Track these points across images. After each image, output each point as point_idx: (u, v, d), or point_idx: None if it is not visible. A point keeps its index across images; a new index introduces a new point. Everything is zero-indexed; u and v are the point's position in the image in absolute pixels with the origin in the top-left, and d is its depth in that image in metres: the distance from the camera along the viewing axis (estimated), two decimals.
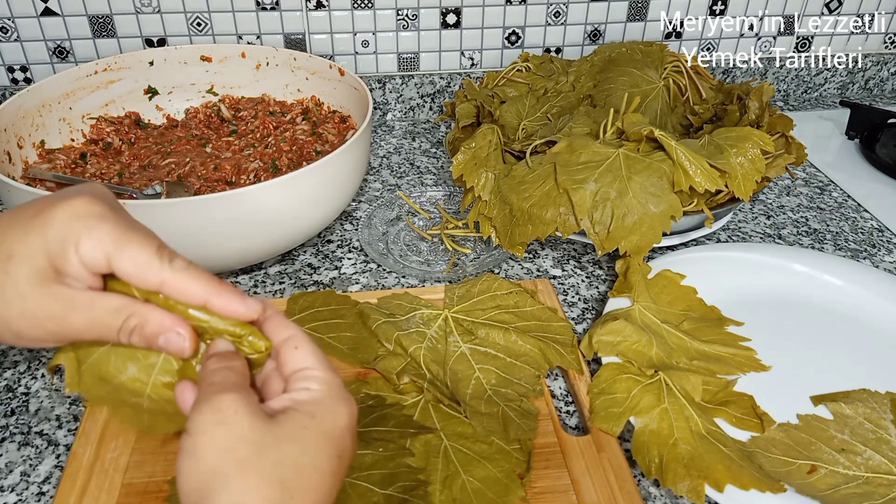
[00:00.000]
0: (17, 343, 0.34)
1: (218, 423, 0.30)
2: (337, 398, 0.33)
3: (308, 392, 0.33)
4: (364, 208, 0.81)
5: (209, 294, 0.34)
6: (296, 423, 0.31)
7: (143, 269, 0.33)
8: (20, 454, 0.51)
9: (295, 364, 0.34)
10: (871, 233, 0.80)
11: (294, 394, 0.33)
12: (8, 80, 0.94)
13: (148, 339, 0.33)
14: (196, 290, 0.33)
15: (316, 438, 0.31)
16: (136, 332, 0.33)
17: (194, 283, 0.33)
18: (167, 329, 0.33)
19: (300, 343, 0.34)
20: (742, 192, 0.64)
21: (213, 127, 0.84)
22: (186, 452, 0.30)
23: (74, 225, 0.32)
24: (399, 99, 1.01)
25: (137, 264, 0.33)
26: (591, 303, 0.68)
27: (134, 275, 0.33)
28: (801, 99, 1.12)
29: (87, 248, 0.32)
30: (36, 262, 0.32)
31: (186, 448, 0.30)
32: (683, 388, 0.53)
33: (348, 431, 0.33)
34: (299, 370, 0.34)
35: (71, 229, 0.32)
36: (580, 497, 0.47)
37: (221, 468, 0.29)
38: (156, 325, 0.33)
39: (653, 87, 0.80)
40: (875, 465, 0.49)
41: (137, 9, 0.90)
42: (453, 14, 0.96)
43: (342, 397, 0.33)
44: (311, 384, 0.33)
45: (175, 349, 0.34)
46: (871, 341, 0.62)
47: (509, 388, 0.55)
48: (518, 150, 0.72)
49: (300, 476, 0.30)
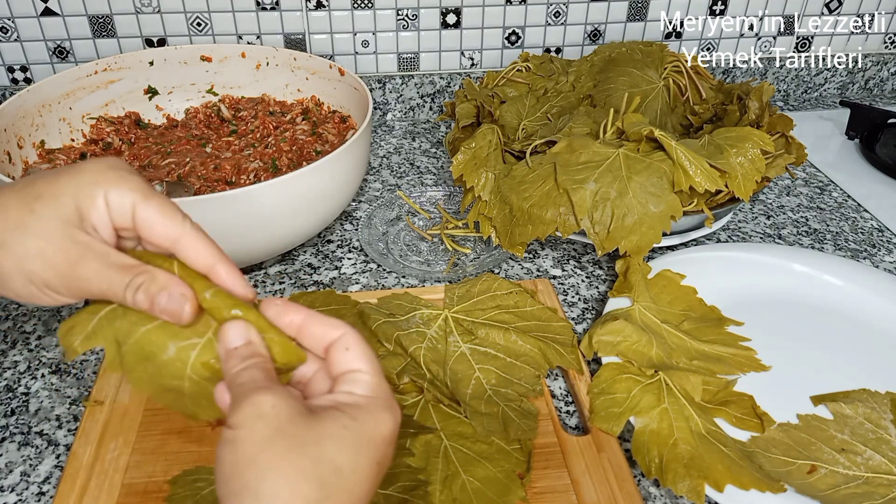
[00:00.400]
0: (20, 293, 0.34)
1: (258, 416, 0.30)
2: (382, 405, 0.32)
3: (353, 396, 0.32)
4: (364, 208, 0.81)
5: (216, 260, 0.35)
6: (337, 423, 0.31)
7: (165, 219, 0.35)
8: (20, 454, 0.51)
9: (345, 366, 0.34)
10: (871, 233, 0.80)
11: (339, 395, 0.32)
12: (8, 80, 0.94)
13: (152, 297, 0.34)
14: (206, 252, 0.35)
15: (356, 441, 0.31)
16: (142, 288, 0.34)
17: (206, 245, 0.35)
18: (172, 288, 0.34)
19: (351, 344, 0.34)
20: (742, 192, 0.64)
21: (213, 127, 0.84)
22: (227, 442, 0.30)
23: (108, 173, 0.35)
24: (399, 99, 1.01)
25: (161, 213, 0.35)
26: (591, 303, 0.68)
27: (157, 223, 0.35)
28: (801, 99, 1.12)
29: (116, 196, 0.34)
30: (62, 204, 0.34)
31: (227, 438, 0.30)
32: (683, 388, 0.53)
33: (390, 440, 0.32)
34: (348, 372, 0.33)
35: (104, 175, 0.34)
36: (580, 497, 0.47)
37: (261, 460, 0.29)
38: (162, 283, 0.34)
39: (653, 87, 0.80)
40: (875, 465, 0.49)
41: (137, 9, 0.90)
42: (453, 14, 0.96)
43: (388, 405, 0.33)
44: (358, 388, 0.33)
45: (175, 308, 0.34)
46: (871, 341, 0.62)
47: (509, 388, 0.55)
48: (518, 150, 0.72)
49: (338, 476, 0.29)
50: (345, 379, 0.33)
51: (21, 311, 0.64)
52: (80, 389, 0.56)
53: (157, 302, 0.34)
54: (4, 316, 0.64)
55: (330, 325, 0.34)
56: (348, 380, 0.33)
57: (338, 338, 0.34)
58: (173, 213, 0.35)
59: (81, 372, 0.58)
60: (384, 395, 0.33)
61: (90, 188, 0.34)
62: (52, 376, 0.57)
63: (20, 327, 0.62)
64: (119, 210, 0.34)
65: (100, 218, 0.34)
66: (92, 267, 0.34)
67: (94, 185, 0.34)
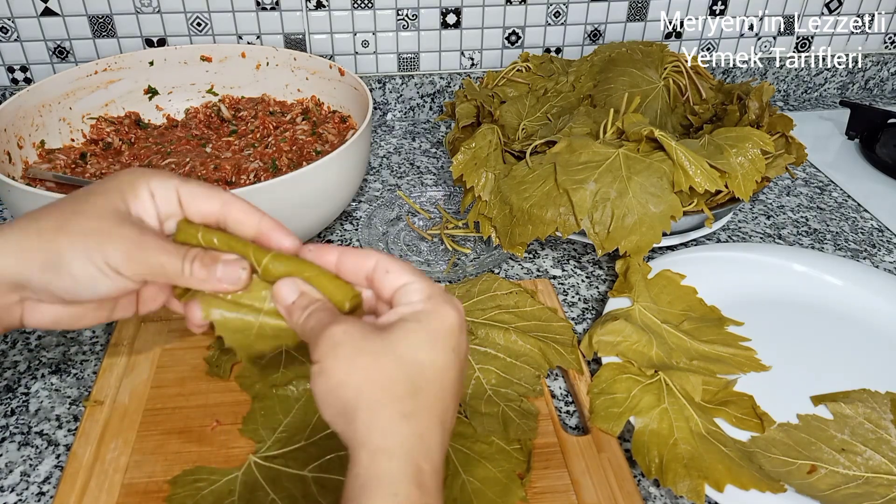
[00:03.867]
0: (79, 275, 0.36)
1: (334, 345, 0.32)
2: (440, 301, 0.35)
3: (412, 305, 0.35)
4: (364, 208, 0.81)
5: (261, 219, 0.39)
6: (407, 330, 0.33)
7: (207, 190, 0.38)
8: (20, 454, 0.51)
9: (392, 285, 0.36)
10: (871, 233, 0.80)
11: (400, 309, 0.35)
12: (8, 80, 0.94)
13: (208, 267, 0.36)
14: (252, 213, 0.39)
15: (427, 336, 0.33)
16: (197, 259, 0.37)
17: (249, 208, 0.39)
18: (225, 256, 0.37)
19: (389, 266, 0.36)
20: (742, 192, 0.64)
21: (213, 127, 0.84)
22: (316, 375, 0.33)
23: (145, 171, 0.38)
24: (399, 99, 1.01)
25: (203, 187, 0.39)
26: (591, 303, 0.68)
27: (200, 195, 0.38)
28: (801, 99, 1.12)
29: (158, 184, 0.38)
30: (111, 197, 0.37)
31: (315, 372, 0.33)
32: (683, 388, 0.53)
33: (458, 328, 0.35)
34: (398, 287, 0.36)
35: (142, 172, 0.38)
36: (580, 497, 0.47)
37: (350, 378, 0.32)
38: (214, 254, 0.37)
39: (653, 87, 0.80)
40: (875, 465, 0.49)
41: (137, 9, 0.90)
42: (453, 14, 0.96)
43: (445, 300, 0.35)
44: (414, 296, 0.35)
45: (232, 275, 0.37)
46: (871, 341, 0.62)
47: (509, 388, 0.55)
48: (518, 150, 0.72)
49: (421, 369, 0.32)
50: (399, 294, 0.35)
51: None
52: (80, 389, 0.56)
53: (215, 272, 0.37)
54: None
55: (361, 256, 0.37)
56: (402, 293, 0.35)
57: (374, 266, 0.37)
58: (211, 186, 0.39)
59: (81, 372, 0.58)
60: (439, 294, 0.35)
61: (134, 183, 0.37)
62: (52, 376, 0.57)
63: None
64: (164, 195, 0.38)
65: (146, 210, 0.38)
66: (150, 240, 0.36)
67: (137, 180, 0.38)
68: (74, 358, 0.59)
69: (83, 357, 0.59)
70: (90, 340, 0.61)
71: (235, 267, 0.37)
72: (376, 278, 0.36)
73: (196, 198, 0.38)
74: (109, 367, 0.56)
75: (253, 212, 0.39)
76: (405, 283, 0.35)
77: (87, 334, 0.62)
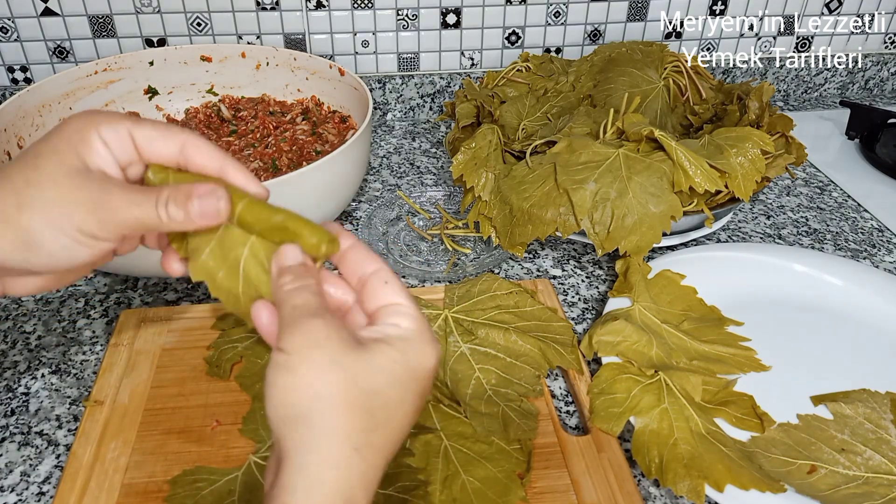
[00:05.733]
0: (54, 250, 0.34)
1: (312, 345, 0.30)
2: (426, 339, 0.33)
3: (399, 328, 0.33)
4: (364, 208, 0.81)
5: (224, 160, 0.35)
6: (387, 357, 0.31)
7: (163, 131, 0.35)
8: (20, 454, 0.51)
9: (385, 299, 0.34)
10: (871, 233, 0.80)
11: (385, 328, 0.33)
12: (8, 80, 0.94)
13: (183, 205, 0.33)
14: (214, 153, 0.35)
15: (404, 374, 0.31)
16: (170, 200, 0.33)
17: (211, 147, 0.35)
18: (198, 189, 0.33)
19: (389, 278, 0.34)
20: (742, 192, 0.64)
21: (213, 127, 0.84)
22: (280, 367, 0.30)
23: (92, 116, 0.35)
24: (399, 99, 1.01)
25: (158, 128, 0.35)
26: (591, 303, 0.68)
27: (157, 137, 0.35)
28: (801, 99, 1.12)
29: (108, 130, 0.34)
30: (63, 156, 0.33)
31: (280, 363, 0.30)
32: (683, 388, 0.53)
33: (433, 373, 0.33)
34: (389, 305, 0.33)
35: (90, 118, 0.34)
36: (580, 497, 0.47)
37: (316, 390, 0.29)
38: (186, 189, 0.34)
39: (653, 87, 0.80)
40: (875, 465, 0.49)
41: (137, 9, 0.90)
42: (453, 14, 0.96)
43: (431, 338, 0.33)
44: (402, 321, 0.33)
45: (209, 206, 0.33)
46: (871, 341, 0.62)
47: (509, 388, 0.55)
48: (518, 150, 0.72)
49: (386, 408, 0.30)
50: (388, 311, 0.33)
51: (21, 310, 0.64)
52: (80, 389, 0.56)
53: (191, 208, 0.33)
54: (4, 316, 0.64)
55: (367, 258, 0.35)
56: (392, 312, 0.33)
57: (374, 271, 0.34)
58: (169, 126, 0.35)
59: (81, 372, 0.58)
60: (427, 329, 0.33)
61: (82, 133, 0.34)
62: (52, 376, 0.57)
63: (20, 327, 0.62)
64: (117, 142, 0.34)
65: (104, 160, 0.34)
66: (117, 194, 0.33)
67: (84, 129, 0.34)
68: (74, 358, 0.59)
69: (83, 357, 0.59)
70: (90, 340, 0.61)
71: (212, 199, 0.33)
72: (370, 284, 0.34)
73: (153, 141, 0.35)
74: (109, 367, 0.56)
75: (216, 153, 0.35)
76: (398, 302, 0.33)
77: (87, 334, 0.62)
